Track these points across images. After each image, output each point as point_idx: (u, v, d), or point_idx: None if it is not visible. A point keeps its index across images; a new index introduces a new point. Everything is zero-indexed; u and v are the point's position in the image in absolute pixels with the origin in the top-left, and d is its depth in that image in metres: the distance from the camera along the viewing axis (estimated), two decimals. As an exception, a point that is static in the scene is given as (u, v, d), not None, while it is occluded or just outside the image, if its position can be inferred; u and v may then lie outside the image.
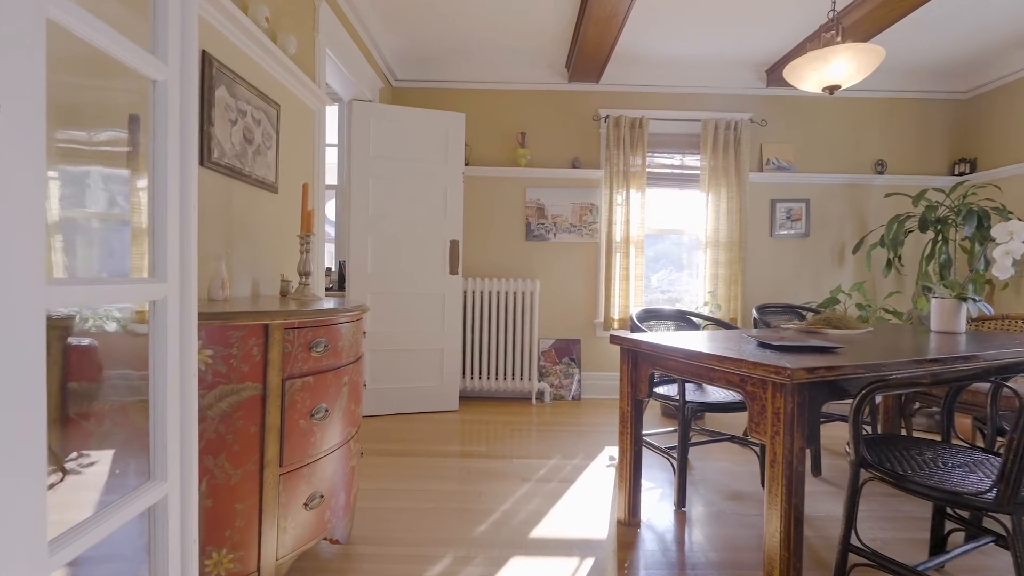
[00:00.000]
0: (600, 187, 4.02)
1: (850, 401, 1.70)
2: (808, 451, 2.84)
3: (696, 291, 4.20)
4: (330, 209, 4.77)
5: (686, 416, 2.17)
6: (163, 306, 0.93)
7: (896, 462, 1.47)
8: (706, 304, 3.84)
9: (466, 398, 3.98)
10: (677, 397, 2.25)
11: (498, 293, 3.86)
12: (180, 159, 0.96)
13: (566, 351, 4.03)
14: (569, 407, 3.79)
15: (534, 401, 3.87)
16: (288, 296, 2.00)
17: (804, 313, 3.07)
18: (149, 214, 0.93)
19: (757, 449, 2.44)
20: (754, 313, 2.90)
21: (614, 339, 2.01)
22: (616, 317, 3.92)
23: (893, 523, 2.03)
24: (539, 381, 3.96)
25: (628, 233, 3.90)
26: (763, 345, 1.75)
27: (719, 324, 2.66)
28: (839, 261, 4.05)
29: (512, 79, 4.00)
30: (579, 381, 4.00)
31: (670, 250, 4.35)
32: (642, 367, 1.94)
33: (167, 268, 0.94)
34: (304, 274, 1.91)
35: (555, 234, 4.04)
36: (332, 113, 4.33)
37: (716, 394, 2.36)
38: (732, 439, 2.50)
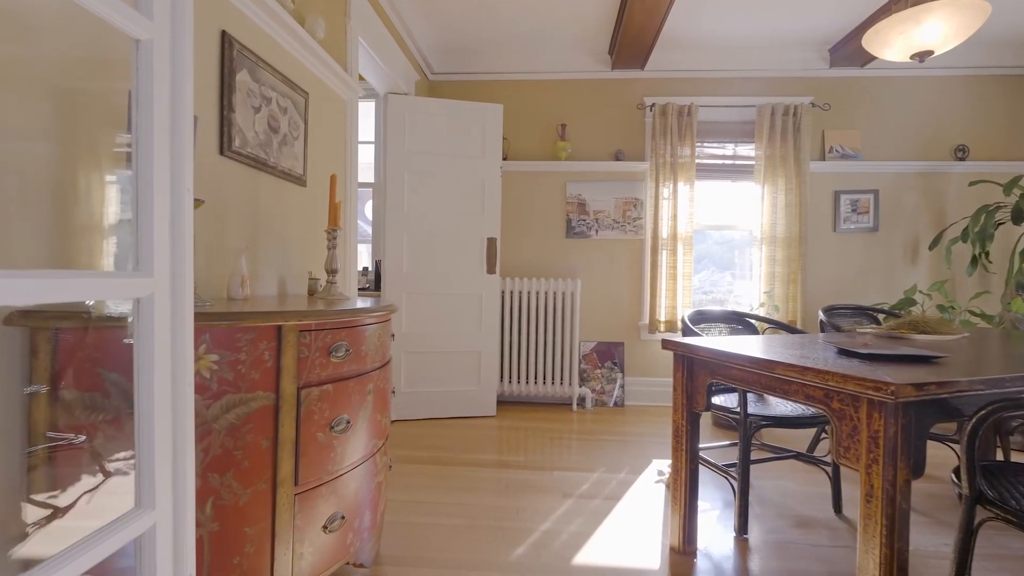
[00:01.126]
0: (645, 180, 3.78)
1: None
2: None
3: (746, 291, 3.89)
4: (369, 210, 4.73)
5: (747, 431, 1.93)
6: (149, 304, 0.80)
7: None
8: (762, 305, 3.54)
9: (503, 403, 3.82)
10: (737, 409, 2.01)
11: (537, 293, 3.69)
12: (171, 133, 0.83)
13: (608, 355, 3.81)
14: (612, 414, 3.57)
15: (575, 407, 3.67)
16: (316, 295, 1.89)
17: (877, 316, 2.74)
18: (133, 197, 0.81)
19: (828, 470, 2.16)
20: (820, 315, 2.60)
21: (667, 344, 1.79)
22: (663, 319, 3.67)
23: (1002, 563, 1.73)
24: (580, 386, 3.75)
25: (676, 229, 3.64)
26: (845, 353, 1.50)
27: (781, 327, 2.39)
28: (912, 258, 3.65)
29: (551, 69, 3.81)
30: (622, 387, 3.77)
31: (712, 250, 4.04)
32: (699, 376, 1.72)
33: (154, 260, 0.81)
34: (331, 271, 1.79)
35: (597, 231, 3.83)
36: (369, 109, 4.28)
37: (781, 406, 2.10)
38: (798, 456, 2.23)
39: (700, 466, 2.53)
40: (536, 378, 3.69)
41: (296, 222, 2.06)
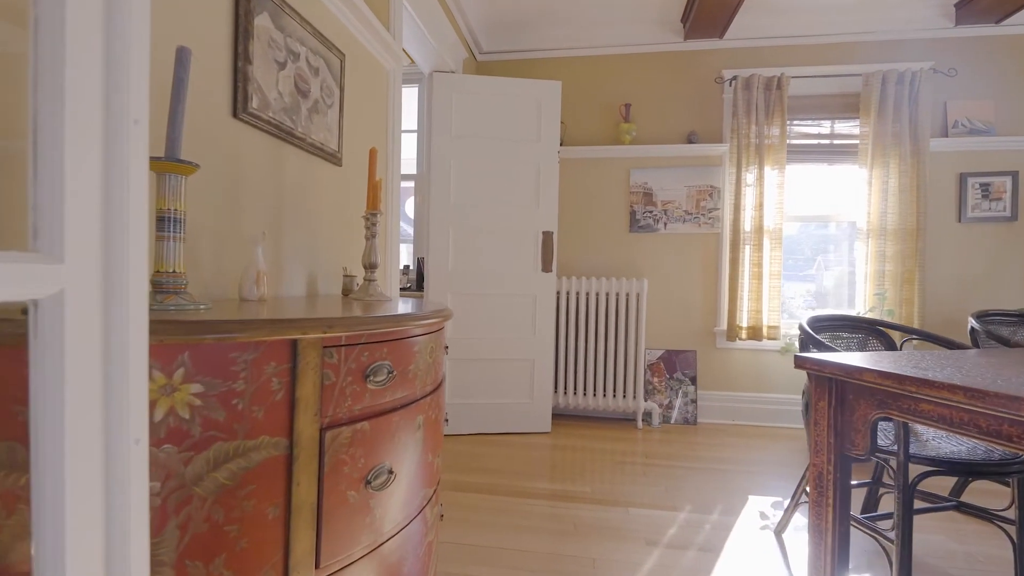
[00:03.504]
0: (723, 165, 3.30)
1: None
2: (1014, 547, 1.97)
3: (838, 293, 3.35)
4: (410, 208, 4.45)
5: (908, 479, 1.46)
6: (54, 309, 0.45)
7: None
8: (871, 310, 2.99)
9: (558, 416, 3.42)
10: (890, 447, 1.54)
11: (597, 294, 3.27)
12: (104, 28, 0.48)
13: (678, 364, 3.34)
14: (683, 433, 3.11)
15: (640, 424, 3.22)
16: (351, 296, 1.55)
17: (1043, 325, 2.18)
18: (31, 128, 0.46)
19: (1010, 530, 1.65)
20: (972, 323, 2.07)
21: (804, 363, 1.34)
22: (744, 325, 3.17)
23: None
24: (645, 400, 3.31)
25: (761, 220, 3.14)
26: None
27: (931, 340, 1.88)
28: (1061, 254, 3.01)
29: (614, 42, 3.39)
30: (694, 401, 3.29)
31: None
32: (859, 408, 1.27)
33: (64, 236, 0.45)
34: (369, 266, 1.45)
35: (666, 224, 3.37)
36: (411, 96, 3.98)
37: (944, 444, 1.61)
38: (958, 507, 1.73)
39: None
40: (595, 390, 3.27)
41: (329, 208, 1.73)
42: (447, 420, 1.22)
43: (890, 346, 1.97)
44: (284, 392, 0.77)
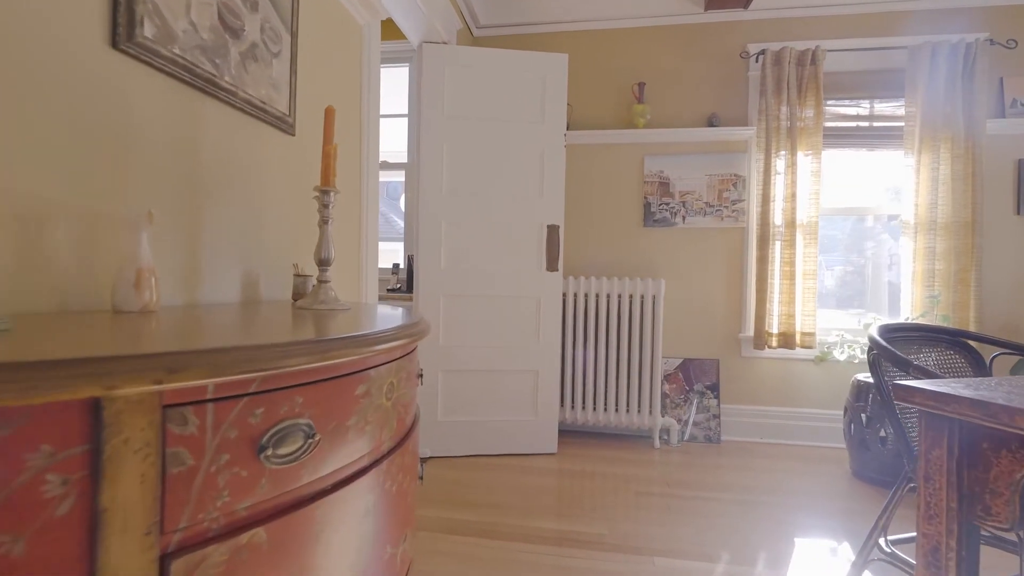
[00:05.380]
0: (749, 151, 2.94)
1: None
2: None
3: (841, 293, 2.99)
4: (403, 203, 4.10)
5: (1039, 544, 1.09)
6: None
7: None
8: (923, 315, 2.62)
9: (565, 433, 3.05)
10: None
11: (608, 296, 2.90)
12: None
13: (699, 375, 2.98)
14: (705, 454, 2.75)
15: (657, 443, 2.86)
16: (298, 303, 1.18)
17: None
18: None
19: None
20: (1067, 334, 1.71)
21: (911, 395, 0.97)
22: (775, 331, 2.81)
23: None
24: (663, 415, 2.95)
25: (793, 213, 2.77)
26: None
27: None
28: None
29: (626, 14, 3.03)
30: (717, 417, 2.93)
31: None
32: (1000, 463, 0.90)
33: None
34: (321, 263, 1.08)
35: (684, 217, 3.01)
36: (402, 77, 3.61)
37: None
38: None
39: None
40: (607, 404, 2.90)
41: (278, 188, 1.36)
42: (422, 477, 0.94)
43: (976, 362, 1.60)
44: (75, 499, 0.40)
